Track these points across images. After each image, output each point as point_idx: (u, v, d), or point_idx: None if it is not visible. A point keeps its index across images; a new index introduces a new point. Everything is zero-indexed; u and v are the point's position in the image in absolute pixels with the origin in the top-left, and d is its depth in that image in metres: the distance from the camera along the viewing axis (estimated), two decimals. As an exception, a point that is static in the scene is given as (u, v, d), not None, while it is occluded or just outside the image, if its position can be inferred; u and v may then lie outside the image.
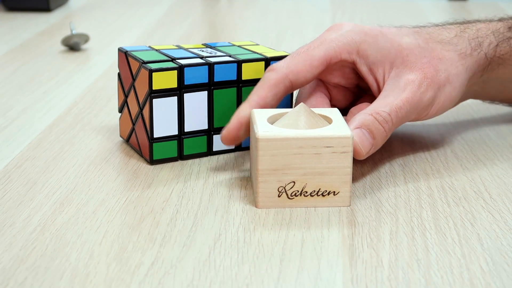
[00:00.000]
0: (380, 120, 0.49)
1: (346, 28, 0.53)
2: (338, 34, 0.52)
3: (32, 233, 0.43)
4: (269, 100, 0.50)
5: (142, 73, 0.51)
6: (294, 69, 0.50)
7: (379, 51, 0.52)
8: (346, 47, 0.52)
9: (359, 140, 0.48)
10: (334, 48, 0.51)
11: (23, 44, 0.90)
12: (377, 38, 0.53)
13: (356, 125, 0.49)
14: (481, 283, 0.38)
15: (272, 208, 0.46)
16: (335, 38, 0.52)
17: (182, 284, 0.38)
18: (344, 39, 0.52)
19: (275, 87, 0.50)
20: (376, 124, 0.49)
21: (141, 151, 0.53)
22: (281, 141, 0.45)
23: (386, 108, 0.50)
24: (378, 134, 0.49)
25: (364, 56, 0.52)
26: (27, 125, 0.61)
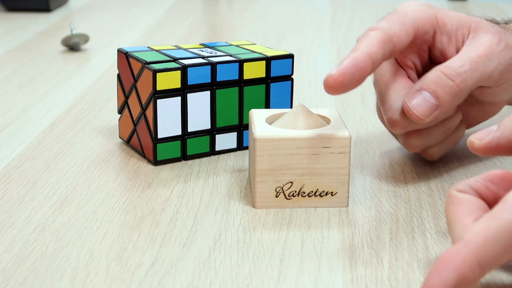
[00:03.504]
0: (449, 73, 0.47)
1: (416, 4, 0.51)
2: (415, 7, 0.50)
3: (32, 233, 0.43)
4: (379, 57, 0.46)
5: (145, 73, 0.51)
6: (396, 32, 0.48)
7: (455, 17, 0.50)
8: (428, 17, 0.50)
9: (415, 106, 0.46)
10: (419, 17, 0.49)
11: (23, 44, 0.90)
12: (447, 10, 0.51)
13: (417, 87, 0.47)
14: (481, 283, 0.38)
15: (269, 208, 0.46)
16: (415, 9, 0.50)
17: (182, 284, 0.38)
18: (423, 10, 0.50)
19: (384, 45, 0.47)
20: (443, 80, 0.46)
21: (143, 152, 0.53)
22: (278, 141, 0.45)
23: (459, 61, 0.47)
24: (446, 90, 0.46)
25: (443, 24, 0.50)
26: (27, 125, 0.61)
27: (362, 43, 0.46)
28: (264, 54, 0.55)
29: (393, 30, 0.48)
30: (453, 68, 0.47)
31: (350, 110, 0.65)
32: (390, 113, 0.48)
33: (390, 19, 0.48)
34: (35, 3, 1.07)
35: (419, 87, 0.47)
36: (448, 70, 0.47)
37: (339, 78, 0.44)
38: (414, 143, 0.50)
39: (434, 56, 0.51)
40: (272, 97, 0.55)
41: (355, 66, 0.44)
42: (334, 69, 0.44)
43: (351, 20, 1.05)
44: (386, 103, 0.49)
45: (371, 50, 0.46)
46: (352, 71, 0.44)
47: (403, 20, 0.49)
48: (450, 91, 0.46)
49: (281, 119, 0.48)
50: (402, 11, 0.50)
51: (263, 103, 0.55)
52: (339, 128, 0.46)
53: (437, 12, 0.50)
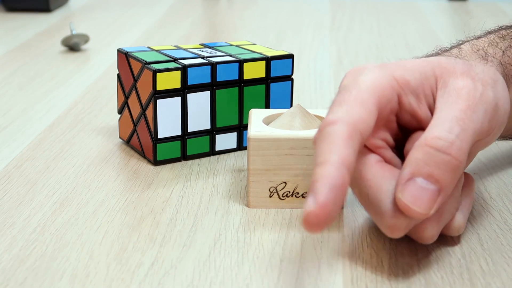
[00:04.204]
0: (441, 145, 0.37)
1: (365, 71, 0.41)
2: (367, 77, 0.40)
3: (32, 233, 0.43)
4: (352, 160, 0.37)
5: (145, 73, 0.51)
6: (358, 117, 0.38)
7: (415, 69, 0.41)
8: (386, 82, 0.40)
9: (411, 200, 0.37)
10: (376, 86, 0.40)
11: (23, 44, 0.90)
12: (402, 63, 0.42)
13: (406, 176, 0.37)
14: (481, 283, 0.38)
15: (263, 208, 0.46)
16: (368, 79, 0.40)
17: (182, 284, 0.38)
18: (377, 75, 0.40)
19: (352, 141, 0.37)
20: (436, 156, 0.37)
21: (143, 152, 0.53)
22: (272, 141, 0.45)
23: (445, 126, 0.38)
24: (444, 169, 0.37)
25: (405, 83, 0.40)
26: (27, 125, 0.61)
27: (326, 147, 0.37)
28: (264, 54, 0.55)
29: (354, 116, 0.38)
30: (443, 137, 0.37)
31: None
32: (386, 219, 0.38)
33: (344, 102, 0.39)
34: (35, 3, 1.07)
35: (409, 175, 0.37)
36: (438, 142, 0.37)
37: (321, 213, 0.34)
38: (430, 233, 0.39)
39: (404, 121, 0.41)
40: (272, 97, 0.55)
41: (334, 189, 0.35)
42: (310, 201, 0.35)
43: (351, 20, 1.05)
44: (374, 208, 0.39)
45: (341, 155, 0.36)
46: (333, 196, 0.35)
47: (360, 97, 0.39)
48: (449, 167, 0.37)
49: (278, 119, 0.48)
50: (353, 85, 0.40)
51: (263, 103, 0.55)
52: None
53: (392, 71, 0.41)
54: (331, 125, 0.38)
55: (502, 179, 0.51)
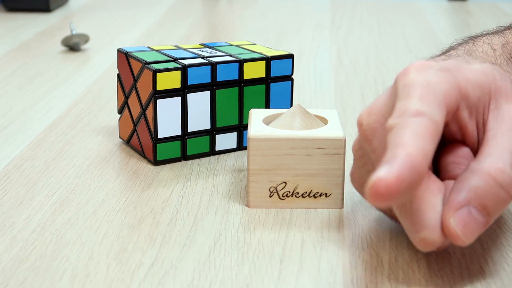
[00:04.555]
0: (504, 180, 0.36)
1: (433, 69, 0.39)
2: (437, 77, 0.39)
3: (32, 233, 0.43)
4: (431, 160, 0.35)
5: (145, 73, 0.51)
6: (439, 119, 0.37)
7: (476, 82, 0.39)
8: (453, 89, 0.39)
9: (462, 228, 0.35)
10: (446, 92, 0.38)
11: (23, 44, 0.90)
12: (465, 71, 0.40)
13: (462, 202, 0.36)
14: (481, 283, 0.38)
15: (263, 208, 0.46)
16: (439, 81, 0.38)
17: (182, 284, 0.38)
18: (446, 79, 0.39)
19: (434, 140, 0.36)
20: (495, 190, 0.36)
21: (143, 152, 0.53)
22: (272, 141, 0.45)
23: (506, 158, 0.36)
24: (499, 204, 0.36)
25: (466, 95, 0.39)
26: (27, 125, 0.61)
27: (409, 134, 0.35)
28: (264, 54, 0.55)
29: (437, 117, 0.36)
30: (506, 172, 0.36)
31: (350, 110, 0.65)
32: (425, 233, 0.36)
33: (425, 98, 0.37)
34: (35, 3, 1.07)
35: (465, 202, 0.36)
36: (502, 176, 0.36)
37: (395, 185, 0.32)
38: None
39: (448, 131, 0.41)
40: (272, 97, 0.55)
41: (413, 170, 0.33)
42: (383, 169, 0.33)
43: (351, 20, 1.05)
44: (414, 219, 0.37)
45: (425, 147, 0.34)
46: (411, 176, 0.33)
47: (438, 100, 0.37)
48: (503, 205, 0.36)
49: (278, 119, 0.48)
50: (427, 84, 0.38)
51: (263, 103, 0.55)
52: (335, 129, 0.46)
53: (457, 80, 0.39)
54: (418, 116, 0.36)
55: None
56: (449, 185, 0.38)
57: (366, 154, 0.41)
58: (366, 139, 0.40)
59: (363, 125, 0.40)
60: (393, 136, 0.35)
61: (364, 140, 0.40)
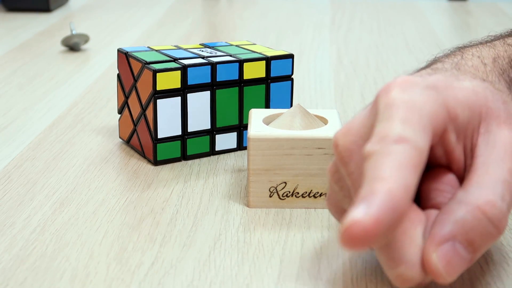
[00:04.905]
0: (493, 215, 0.33)
1: (419, 88, 0.36)
2: (423, 97, 0.35)
3: (32, 233, 0.43)
4: (414, 191, 0.32)
5: (145, 73, 0.51)
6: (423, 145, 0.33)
7: (466, 105, 0.36)
8: (440, 110, 0.35)
9: (444, 265, 0.32)
10: (433, 113, 0.35)
11: (23, 44, 0.90)
12: (454, 90, 0.37)
13: (446, 236, 0.33)
14: (481, 283, 0.38)
15: (263, 208, 0.46)
16: (425, 100, 0.35)
17: (182, 284, 0.38)
18: (433, 101, 0.35)
19: (418, 171, 0.32)
20: (484, 225, 0.33)
21: (143, 152, 0.53)
22: (272, 141, 0.45)
23: (497, 190, 0.34)
24: (486, 240, 0.33)
25: (454, 117, 0.36)
26: (27, 125, 0.61)
27: (390, 165, 0.32)
28: (264, 54, 0.55)
29: (422, 144, 0.33)
30: (498, 205, 0.33)
31: (350, 110, 0.65)
32: (403, 269, 0.33)
33: (409, 122, 0.33)
34: (35, 3, 1.07)
35: (450, 235, 0.33)
36: (492, 210, 0.33)
37: (373, 228, 0.29)
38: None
39: (433, 155, 0.37)
40: (272, 97, 0.55)
41: (394, 209, 0.30)
42: (359, 209, 0.30)
43: (351, 20, 1.05)
44: (391, 253, 0.33)
45: (408, 181, 0.31)
46: (391, 217, 0.30)
47: (422, 123, 0.34)
48: (490, 240, 0.33)
49: (278, 119, 0.48)
50: (411, 105, 0.34)
51: (263, 103, 0.55)
52: (334, 129, 0.46)
53: (446, 99, 0.36)
54: (400, 143, 0.32)
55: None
56: (431, 215, 0.35)
57: (342, 178, 0.37)
58: (342, 161, 0.36)
59: (339, 145, 0.36)
60: (371, 166, 0.32)
61: (340, 163, 0.37)
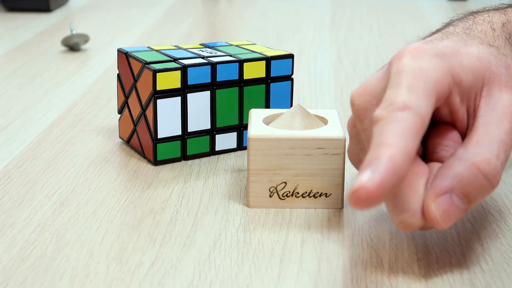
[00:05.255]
0: (488, 171, 0.37)
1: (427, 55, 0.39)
2: (430, 64, 0.39)
3: (32, 233, 0.43)
4: (414, 152, 0.35)
5: (145, 73, 0.51)
6: (426, 111, 0.37)
7: (470, 70, 0.40)
8: (445, 76, 0.39)
9: (442, 214, 0.36)
10: (438, 79, 0.38)
11: (23, 44, 0.90)
12: (460, 56, 0.40)
13: (445, 189, 0.36)
14: (481, 283, 0.38)
15: (263, 208, 0.46)
16: (431, 67, 0.39)
17: (182, 284, 0.38)
18: (439, 65, 0.39)
19: (419, 136, 0.36)
20: (479, 179, 0.37)
21: (143, 152, 0.53)
22: (272, 141, 0.45)
23: (493, 149, 0.37)
24: (481, 193, 0.37)
25: (459, 81, 0.39)
26: (27, 125, 0.61)
27: (395, 132, 0.35)
28: (264, 54, 0.55)
29: (424, 110, 0.37)
30: (493, 163, 0.36)
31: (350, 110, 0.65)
32: (406, 216, 0.37)
33: (413, 88, 0.37)
34: (35, 3, 1.07)
35: (448, 189, 0.36)
36: (487, 167, 0.36)
37: (376, 192, 0.33)
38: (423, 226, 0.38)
39: (438, 113, 0.41)
40: (272, 97, 0.55)
41: (395, 174, 0.34)
42: (365, 174, 0.33)
43: (351, 20, 1.05)
44: (397, 202, 0.37)
45: (409, 147, 0.35)
46: (392, 181, 0.33)
47: (427, 89, 0.37)
48: (485, 193, 0.37)
49: (278, 119, 0.48)
50: (418, 72, 0.38)
51: (263, 103, 0.55)
52: (335, 129, 0.46)
53: (451, 66, 0.39)
54: (404, 110, 0.36)
55: (503, 179, 0.51)
56: (434, 167, 0.39)
57: (359, 132, 0.42)
58: (358, 118, 0.41)
59: (355, 104, 0.41)
60: (378, 131, 0.36)
61: (356, 120, 0.41)
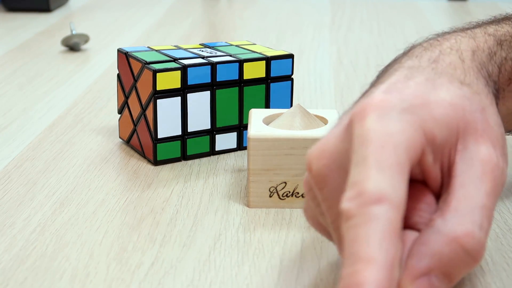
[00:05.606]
0: (471, 246, 0.32)
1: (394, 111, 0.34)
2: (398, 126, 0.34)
3: (32, 233, 0.43)
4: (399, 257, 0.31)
5: (145, 73, 0.51)
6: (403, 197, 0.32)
7: (443, 123, 0.35)
8: (417, 137, 0.34)
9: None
10: (410, 147, 0.34)
11: (23, 44, 0.90)
12: (431, 108, 0.35)
13: (423, 270, 0.32)
14: (481, 283, 0.38)
15: (263, 208, 0.46)
16: (402, 133, 0.34)
17: (182, 284, 0.38)
18: (409, 128, 0.34)
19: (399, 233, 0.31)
20: (461, 257, 0.32)
21: (143, 152, 0.53)
22: (272, 141, 0.45)
23: (475, 218, 0.33)
24: (463, 270, 0.33)
25: (431, 139, 0.35)
26: (27, 125, 0.61)
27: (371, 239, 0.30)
28: (264, 54, 0.55)
29: (400, 196, 0.32)
30: (475, 236, 0.32)
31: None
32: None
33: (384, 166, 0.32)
34: (35, 3, 1.07)
35: (426, 268, 0.32)
36: (470, 240, 0.32)
37: None
38: None
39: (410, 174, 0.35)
40: (272, 97, 0.55)
41: None
42: None
43: (351, 20, 1.05)
44: None
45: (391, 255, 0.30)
46: None
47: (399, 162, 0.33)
48: (468, 270, 0.33)
49: (278, 119, 0.48)
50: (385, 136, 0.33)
51: (263, 103, 0.55)
52: None
53: (423, 122, 0.35)
54: (378, 203, 0.31)
55: (502, 179, 0.51)
56: (408, 237, 0.34)
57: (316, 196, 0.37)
58: (316, 186, 0.36)
59: (313, 170, 0.36)
60: (350, 236, 0.31)
61: (314, 187, 0.36)
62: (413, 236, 0.34)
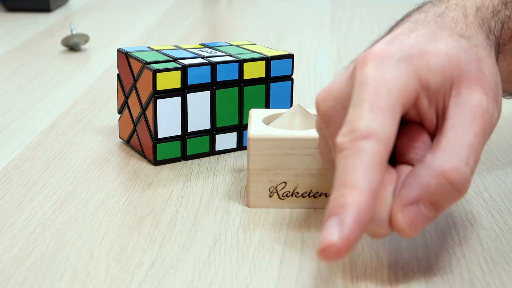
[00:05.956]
0: (456, 180, 0.36)
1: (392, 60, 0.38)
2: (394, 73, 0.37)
3: (32, 233, 0.43)
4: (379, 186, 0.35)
5: (145, 73, 0.51)
6: (390, 133, 0.36)
7: (438, 71, 0.38)
8: (411, 83, 0.37)
9: (409, 224, 0.36)
10: (403, 90, 0.37)
11: (23, 44, 0.90)
12: (427, 57, 0.38)
13: (412, 199, 0.36)
14: (481, 283, 0.38)
15: (263, 208, 0.46)
16: (397, 79, 0.37)
17: (182, 284, 0.38)
18: (404, 75, 0.37)
19: (384, 165, 0.35)
20: (447, 189, 0.36)
21: (143, 152, 0.53)
22: (272, 141, 0.45)
23: (462, 155, 0.36)
24: (449, 201, 0.36)
25: (426, 85, 0.38)
26: (27, 125, 0.61)
27: (359, 166, 0.34)
28: (264, 54, 0.55)
29: (388, 133, 0.36)
30: (462, 171, 0.36)
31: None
32: (373, 225, 0.36)
33: (376, 107, 0.36)
34: (35, 3, 1.07)
35: (415, 198, 0.36)
36: (455, 176, 0.36)
37: (346, 246, 0.33)
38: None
39: (407, 116, 0.39)
40: (272, 97, 0.55)
41: (362, 222, 0.33)
42: (333, 231, 0.33)
43: (351, 20, 1.05)
44: None
45: (373, 182, 0.34)
46: (359, 230, 0.33)
47: (391, 104, 0.36)
48: (453, 201, 0.36)
49: (278, 119, 0.48)
50: (382, 83, 0.37)
51: (263, 103, 0.55)
52: None
53: (418, 69, 0.38)
54: (367, 138, 0.35)
55: (502, 179, 0.51)
56: (403, 171, 0.38)
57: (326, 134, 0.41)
58: (324, 124, 0.40)
59: (320, 110, 0.40)
60: (341, 165, 0.35)
61: (322, 125, 0.40)
62: (408, 170, 0.38)
